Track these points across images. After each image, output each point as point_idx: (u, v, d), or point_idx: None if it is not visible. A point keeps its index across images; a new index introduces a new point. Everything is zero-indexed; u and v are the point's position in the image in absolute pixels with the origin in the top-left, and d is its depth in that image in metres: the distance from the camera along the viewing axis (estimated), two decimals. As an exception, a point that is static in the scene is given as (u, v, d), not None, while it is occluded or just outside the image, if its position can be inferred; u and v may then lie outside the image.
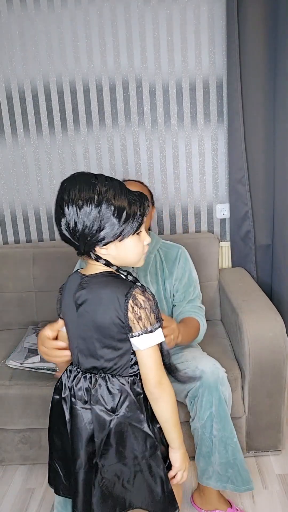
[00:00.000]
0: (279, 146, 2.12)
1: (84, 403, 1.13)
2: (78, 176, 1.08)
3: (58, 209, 1.06)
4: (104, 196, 1.04)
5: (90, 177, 1.07)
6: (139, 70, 2.19)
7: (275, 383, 1.72)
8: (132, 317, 1.05)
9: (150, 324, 1.06)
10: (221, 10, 2.12)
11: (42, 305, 2.20)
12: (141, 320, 1.05)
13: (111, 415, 1.11)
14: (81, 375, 1.15)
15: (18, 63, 2.18)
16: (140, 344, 1.07)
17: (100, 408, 1.11)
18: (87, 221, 1.03)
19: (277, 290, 2.25)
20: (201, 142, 2.28)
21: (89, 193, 1.03)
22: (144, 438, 1.12)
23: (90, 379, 1.14)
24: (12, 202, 2.34)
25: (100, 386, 1.12)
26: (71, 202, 1.03)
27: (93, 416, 1.12)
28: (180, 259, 1.78)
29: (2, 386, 1.78)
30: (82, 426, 1.13)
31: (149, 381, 1.10)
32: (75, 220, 1.03)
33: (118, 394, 1.11)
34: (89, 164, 2.29)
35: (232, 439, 1.51)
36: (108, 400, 1.11)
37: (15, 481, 1.83)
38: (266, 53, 2.08)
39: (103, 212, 1.03)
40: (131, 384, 1.12)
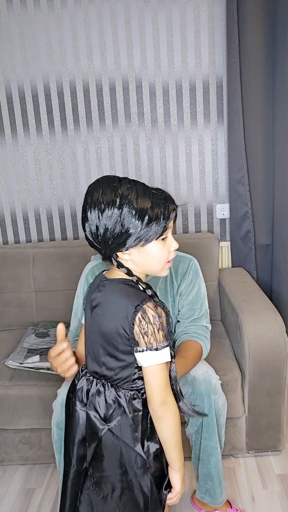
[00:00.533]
0: (279, 146, 2.12)
1: (82, 405, 1.13)
2: (102, 179, 1.07)
3: (83, 213, 1.05)
4: (126, 198, 1.01)
5: (114, 180, 1.05)
6: (139, 70, 2.19)
7: (275, 383, 1.72)
8: (138, 331, 1.01)
9: (156, 341, 1.01)
10: (221, 10, 2.12)
11: (42, 305, 2.20)
12: (147, 336, 1.01)
13: (103, 424, 1.09)
14: (85, 376, 1.14)
15: (18, 63, 2.18)
16: (143, 361, 1.03)
17: (94, 414, 1.10)
18: (108, 224, 1.01)
19: (277, 290, 2.25)
20: (201, 142, 2.28)
21: (111, 196, 1.01)
22: (135, 456, 1.09)
23: (91, 383, 1.12)
24: (12, 202, 2.34)
25: (98, 392, 1.11)
26: (93, 206, 1.02)
27: (87, 419, 1.11)
28: (189, 273, 1.66)
29: (2, 386, 1.78)
30: (77, 426, 1.13)
31: (153, 400, 1.06)
32: (97, 224, 1.02)
33: (112, 405, 1.09)
34: (89, 164, 2.29)
35: (216, 450, 1.49)
36: (102, 408, 1.10)
37: (15, 481, 1.83)
38: (266, 53, 2.08)
39: (124, 215, 1.01)
40: (129, 399, 1.09)
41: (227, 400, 1.61)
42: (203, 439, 1.48)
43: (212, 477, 1.51)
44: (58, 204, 2.34)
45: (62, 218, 2.35)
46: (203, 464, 1.50)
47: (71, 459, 1.14)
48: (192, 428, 1.50)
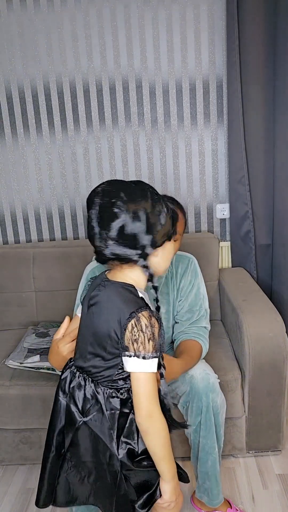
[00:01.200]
0: (279, 146, 2.12)
1: (64, 395, 1.16)
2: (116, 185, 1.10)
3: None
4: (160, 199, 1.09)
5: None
6: (139, 70, 2.19)
7: (275, 383, 1.72)
8: (129, 337, 1.02)
9: (145, 350, 1.02)
10: (221, 10, 2.12)
11: (42, 305, 2.20)
12: (137, 343, 1.02)
13: (80, 416, 1.12)
14: (70, 368, 1.18)
15: (18, 63, 2.18)
16: (130, 366, 1.04)
17: (73, 406, 1.13)
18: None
19: (277, 290, 2.25)
20: (201, 142, 2.28)
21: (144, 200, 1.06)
22: (109, 453, 1.10)
23: (74, 375, 1.15)
24: (12, 202, 2.34)
25: (79, 385, 1.13)
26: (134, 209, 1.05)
27: (66, 409, 1.15)
28: (189, 273, 1.67)
29: (2, 386, 1.78)
30: (58, 414, 1.16)
31: (139, 412, 1.05)
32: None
33: (90, 400, 1.11)
34: (89, 164, 2.29)
35: (214, 449, 1.49)
36: (81, 401, 1.12)
37: (15, 481, 1.83)
38: (266, 53, 2.08)
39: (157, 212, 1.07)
40: (107, 396, 1.10)
41: (227, 400, 1.61)
42: (201, 437, 1.48)
43: (210, 477, 1.51)
44: (58, 204, 2.34)
45: (62, 218, 2.35)
46: (201, 463, 1.50)
47: (51, 445, 1.17)
48: (191, 427, 1.50)
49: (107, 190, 1.05)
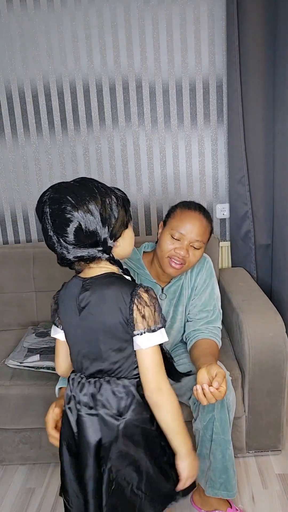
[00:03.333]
0: (279, 146, 2.12)
1: (90, 409, 1.11)
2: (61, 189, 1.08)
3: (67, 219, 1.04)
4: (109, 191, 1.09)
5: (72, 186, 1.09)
6: (139, 70, 2.19)
7: (275, 383, 1.72)
8: (137, 316, 1.04)
9: (154, 323, 1.05)
10: (221, 10, 2.12)
11: (42, 305, 2.20)
12: (145, 319, 1.04)
13: (118, 419, 1.09)
14: (85, 381, 1.13)
15: (18, 63, 2.18)
16: (142, 343, 1.06)
17: (106, 412, 1.09)
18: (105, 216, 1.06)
19: (277, 290, 2.25)
20: (201, 142, 2.28)
21: (91, 194, 1.06)
22: (154, 437, 1.10)
23: (95, 384, 1.11)
24: (12, 202, 2.34)
25: (105, 390, 1.10)
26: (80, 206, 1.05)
27: (99, 421, 1.09)
28: (204, 271, 1.69)
29: (2, 386, 1.78)
30: (88, 433, 1.10)
31: (147, 385, 1.07)
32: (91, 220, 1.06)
33: (124, 397, 1.09)
34: (89, 164, 2.29)
35: (230, 443, 1.49)
36: (114, 403, 1.09)
37: (15, 481, 1.83)
38: (266, 53, 2.08)
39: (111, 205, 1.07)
40: (136, 386, 1.10)
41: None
42: (215, 434, 1.47)
43: (228, 470, 1.51)
44: (58, 204, 2.33)
45: (62, 218, 2.35)
46: (216, 459, 1.49)
47: (86, 470, 1.10)
48: (201, 423, 1.49)
49: (54, 197, 1.04)
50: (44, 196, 1.06)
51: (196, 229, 1.54)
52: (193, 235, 1.54)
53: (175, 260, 1.55)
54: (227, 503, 1.60)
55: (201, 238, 1.55)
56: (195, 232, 1.54)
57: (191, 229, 1.54)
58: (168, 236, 1.56)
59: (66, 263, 1.10)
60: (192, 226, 1.54)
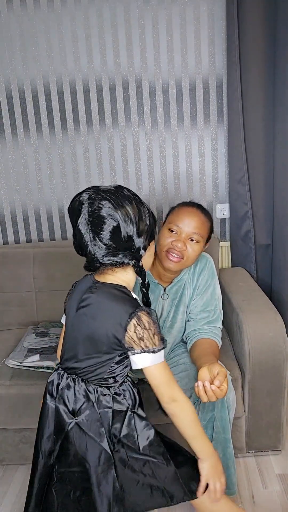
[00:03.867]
0: (279, 146, 2.12)
1: (52, 398, 1.17)
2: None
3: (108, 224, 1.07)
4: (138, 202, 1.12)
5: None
6: (139, 70, 2.19)
7: (275, 383, 1.72)
8: (134, 337, 1.05)
9: (153, 345, 1.06)
10: (221, 10, 2.12)
11: (42, 305, 2.20)
12: (143, 341, 1.06)
13: (71, 417, 1.13)
14: (57, 371, 1.19)
15: (18, 63, 2.18)
16: (140, 362, 1.08)
17: (62, 407, 1.14)
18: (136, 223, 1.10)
19: (277, 290, 2.25)
20: (201, 142, 2.28)
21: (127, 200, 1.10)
22: (100, 452, 1.10)
23: (62, 377, 1.16)
24: (12, 202, 2.34)
25: (68, 386, 1.14)
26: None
27: (55, 413, 1.15)
28: (206, 272, 1.70)
29: (2, 386, 1.78)
30: (46, 419, 1.17)
31: (162, 398, 1.11)
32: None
33: (82, 399, 1.13)
34: (89, 164, 2.29)
35: (230, 442, 1.50)
36: (71, 401, 1.13)
37: (15, 481, 1.83)
38: (266, 53, 2.08)
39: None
40: (99, 394, 1.12)
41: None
42: (215, 433, 1.48)
43: (228, 468, 1.51)
44: (58, 204, 2.34)
45: (62, 218, 2.35)
46: None
47: (39, 452, 1.17)
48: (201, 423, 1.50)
49: (93, 197, 1.05)
50: (81, 196, 1.06)
51: (194, 222, 1.55)
52: (190, 228, 1.55)
53: (172, 253, 1.55)
54: (227, 502, 1.61)
55: (198, 231, 1.56)
56: (192, 226, 1.55)
57: (188, 222, 1.55)
58: (166, 230, 1.58)
59: (94, 266, 1.09)
60: (189, 220, 1.55)
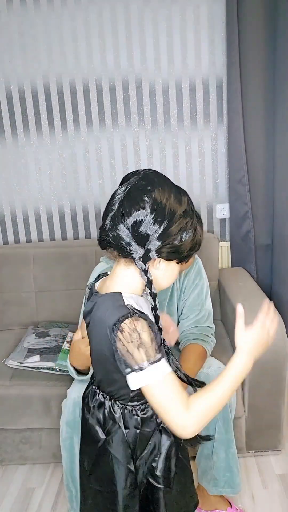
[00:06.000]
0: (279, 146, 2.12)
1: (89, 413, 1.10)
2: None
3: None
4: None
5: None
6: (139, 70, 2.19)
7: (275, 383, 1.72)
8: (121, 352, 0.90)
9: (137, 361, 0.88)
10: (221, 10, 2.12)
11: (42, 305, 2.20)
12: (128, 356, 0.89)
13: (103, 434, 1.05)
14: (94, 387, 1.10)
15: (18, 63, 2.18)
16: (131, 383, 0.92)
17: (96, 423, 1.07)
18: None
19: (277, 290, 2.25)
20: (201, 142, 2.28)
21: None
22: (126, 474, 1.03)
23: (95, 393, 1.09)
24: (12, 202, 2.34)
25: (100, 404, 1.07)
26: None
27: (91, 428, 1.08)
28: (193, 272, 1.66)
29: (2, 386, 1.78)
30: (88, 431, 1.10)
31: (170, 427, 0.93)
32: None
33: (108, 420, 1.05)
34: (89, 164, 2.29)
35: (233, 442, 1.51)
36: (102, 420, 1.06)
37: (15, 481, 1.83)
38: (266, 53, 2.08)
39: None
40: (126, 415, 1.03)
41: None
42: (218, 433, 1.48)
43: (231, 468, 1.52)
44: (58, 204, 2.34)
45: (62, 218, 2.35)
46: (219, 458, 1.50)
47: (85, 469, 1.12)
48: None
49: (149, 177, 0.95)
50: (141, 170, 0.97)
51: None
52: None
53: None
54: (227, 502, 1.61)
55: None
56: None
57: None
58: None
59: (104, 243, 0.96)
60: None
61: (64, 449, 1.51)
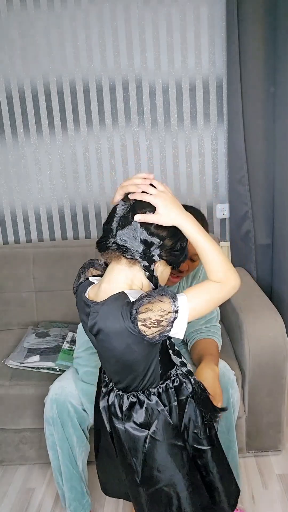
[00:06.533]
0: (279, 146, 2.12)
1: (119, 420, 1.10)
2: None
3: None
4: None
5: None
6: (139, 70, 2.19)
7: (275, 383, 1.72)
8: (144, 318, 0.93)
9: (167, 320, 0.94)
10: (221, 10, 2.12)
11: (42, 305, 2.20)
12: (158, 322, 0.94)
13: (144, 430, 1.07)
14: (114, 392, 1.11)
15: (18, 63, 2.18)
16: (182, 326, 0.96)
17: (131, 425, 1.07)
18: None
19: (277, 290, 2.25)
20: (201, 142, 2.28)
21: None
22: (181, 453, 1.07)
23: (122, 397, 1.10)
24: (12, 202, 2.34)
25: (132, 403, 1.08)
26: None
27: (126, 433, 1.08)
28: (200, 274, 1.67)
29: (2, 386, 1.78)
30: (121, 440, 1.11)
31: (228, 296, 1.03)
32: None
33: (148, 410, 1.07)
34: (89, 164, 2.29)
35: (235, 443, 1.50)
36: (139, 415, 1.07)
37: (15, 481, 1.83)
38: (266, 53, 2.08)
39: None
40: (162, 394, 1.07)
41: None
42: (220, 433, 1.46)
43: (233, 468, 1.50)
44: (58, 204, 2.34)
45: (62, 218, 2.35)
46: None
47: (128, 470, 1.13)
48: None
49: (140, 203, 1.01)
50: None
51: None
52: (192, 249, 1.50)
53: (172, 274, 1.49)
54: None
55: (195, 251, 1.52)
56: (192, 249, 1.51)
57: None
58: None
59: (106, 241, 1.01)
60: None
61: (49, 447, 1.51)
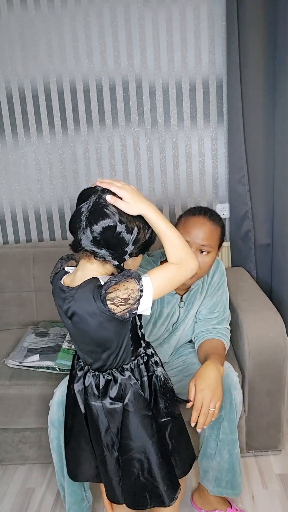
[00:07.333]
0: (279, 146, 2.12)
1: (96, 398, 1.20)
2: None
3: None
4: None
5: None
6: (139, 70, 2.19)
7: (275, 383, 1.72)
8: (113, 297, 1.03)
9: (134, 298, 1.04)
10: (221, 10, 2.12)
11: (42, 305, 2.20)
12: (124, 301, 1.03)
13: (118, 403, 1.17)
14: (90, 374, 1.21)
15: (18, 63, 2.18)
16: (147, 302, 1.06)
17: (108, 401, 1.18)
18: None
19: (277, 290, 2.25)
20: (201, 142, 2.28)
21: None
22: (151, 423, 1.17)
23: (98, 377, 1.20)
24: (12, 202, 2.34)
25: (107, 381, 1.18)
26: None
27: (103, 408, 1.18)
28: (217, 272, 1.70)
29: (2, 386, 1.78)
30: (97, 418, 1.20)
31: (186, 277, 1.13)
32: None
33: (121, 384, 1.17)
34: (89, 164, 2.29)
35: (237, 443, 1.50)
36: (114, 390, 1.17)
37: (15, 481, 1.83)
38: (266, 53, 2.08)
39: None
40: (134, 370, 1.18)
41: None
42: (223, 433, 1.47)
43: (234, 469, 1.51)
44: (58, 204, 2.34)
45: (62, 218, 2.35)
46: (223, 458, 1.49)
47: (102, 447, 1.22)
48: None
49: (106, 192, 1.08)
50: (98, 187, 1.10)
51: (201, 233, 1.50)
52: (199, 240, 1.50)
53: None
54: (227, 503, 1.60)
55: (207, 242, 1.51)
56: (200, 237, 1.50)
57: (196, 234, 1.50)
58: None
59: (77, 248, 1.11)
60: (196, 231, 1.50)
61: (53, 449, 1.51)
